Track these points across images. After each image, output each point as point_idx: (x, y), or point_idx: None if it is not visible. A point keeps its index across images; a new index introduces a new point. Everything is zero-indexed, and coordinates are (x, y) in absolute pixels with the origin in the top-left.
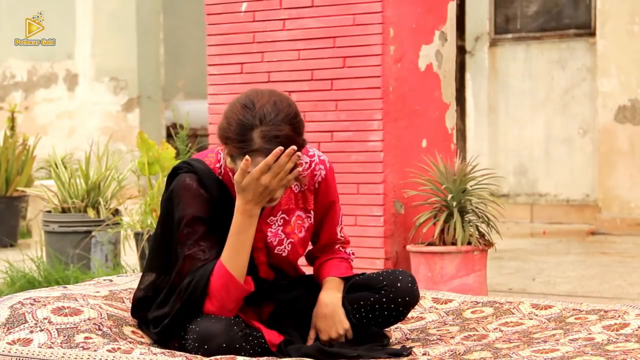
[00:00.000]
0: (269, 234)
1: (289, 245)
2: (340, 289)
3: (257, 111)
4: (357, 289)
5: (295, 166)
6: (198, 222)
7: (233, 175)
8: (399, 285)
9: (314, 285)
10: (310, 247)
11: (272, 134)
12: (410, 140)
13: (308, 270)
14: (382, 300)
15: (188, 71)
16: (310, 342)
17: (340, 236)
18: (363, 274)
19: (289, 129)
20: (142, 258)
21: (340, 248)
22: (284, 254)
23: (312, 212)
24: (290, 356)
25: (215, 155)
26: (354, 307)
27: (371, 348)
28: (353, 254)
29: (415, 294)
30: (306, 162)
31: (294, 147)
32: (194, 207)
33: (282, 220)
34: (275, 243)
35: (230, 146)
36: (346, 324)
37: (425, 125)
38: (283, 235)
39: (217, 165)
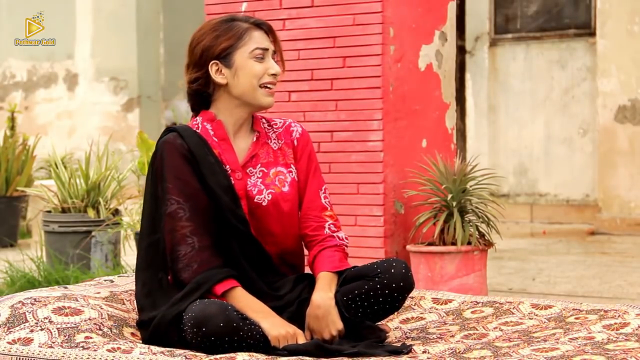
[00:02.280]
0: (248, 182)
1: (269, 196)
2: (333, 287)
3: (228, 15)
4: (351, 280)
5: None
6: (180, 172)
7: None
8: (392, 271)
9: (313, 282)
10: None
11: (255, 18)
12: (410, 140)
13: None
14: (377, 287)
15: None
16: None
17: (325, 203)
18: (356, 267)
19: None
20: None
21: (332, 226)
22: (263, 203)
23: (293, 167)
24: (288, 352)
25: (191, 119)
26: (349, 297)
27: (370, 345)
28: (347, 238)
29: (409, 280)
30: (280, 121)
31: None
32: (175, 155)
33: (260, 173)
34: (254, 192)
35: (223, 44)
36: (339, 325)
37: (425, 125)
38: (262, 187)
39: (194, 122)
